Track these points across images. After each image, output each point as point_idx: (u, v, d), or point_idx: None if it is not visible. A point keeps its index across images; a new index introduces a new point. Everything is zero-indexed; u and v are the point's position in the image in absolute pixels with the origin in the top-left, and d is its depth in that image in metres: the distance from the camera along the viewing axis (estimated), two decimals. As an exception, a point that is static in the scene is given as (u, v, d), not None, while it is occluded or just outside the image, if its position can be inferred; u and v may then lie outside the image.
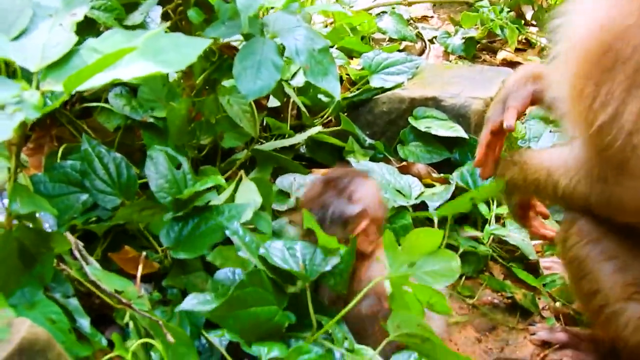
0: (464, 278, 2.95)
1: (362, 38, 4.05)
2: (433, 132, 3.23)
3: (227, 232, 2.26)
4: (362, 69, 3.54)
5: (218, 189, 2.55)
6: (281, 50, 2.62)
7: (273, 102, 3.26)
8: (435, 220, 2.89)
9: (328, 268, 2.19)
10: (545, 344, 2.79)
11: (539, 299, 2.94)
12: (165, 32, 2.06)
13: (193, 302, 2.09)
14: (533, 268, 3.03)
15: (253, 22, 2.62)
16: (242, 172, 2.81)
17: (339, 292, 2.23)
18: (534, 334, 2.82)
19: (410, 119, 3.28)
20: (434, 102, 3.33)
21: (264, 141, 3.15)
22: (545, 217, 2.79)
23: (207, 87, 2.88)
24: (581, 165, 2.39)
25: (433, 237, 2.14)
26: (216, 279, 2.19)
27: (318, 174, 3.03)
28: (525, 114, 3.47)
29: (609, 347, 2.62)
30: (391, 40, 4.24)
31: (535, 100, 2.81)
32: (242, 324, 2.07)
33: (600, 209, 2.42)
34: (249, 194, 2.62)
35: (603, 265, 2.49)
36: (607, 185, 2.34)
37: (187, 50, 2.16)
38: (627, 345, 2.51)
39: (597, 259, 2.50)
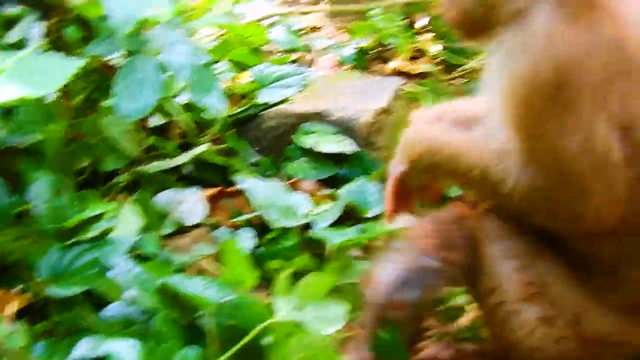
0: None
1: (254, 50, 4.02)
2: (321, 147, 3.25)
3: (111, 269, 2.23)
4: (252, 82, 3.51)
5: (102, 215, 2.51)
6: (163, 67, 2.59)
7: (158, 121, 3.21)
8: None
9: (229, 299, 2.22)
10: (436, 360, 2.82)
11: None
12: (43, 50, 2.03)
13: (84, 348, 2.05)
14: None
15: (133, 39, 2.59)
16: (124, 195, 2.78)
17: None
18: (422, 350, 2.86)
19: (297, 135, 3.30)
20: (322, 117, 3.35)
21: (149, 161, 3.11)
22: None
23: (87, 107, 2.83)
24: (529, 190, 2.45)
25: (323, 282, 2.24)
26: (105, 316, 2.20)
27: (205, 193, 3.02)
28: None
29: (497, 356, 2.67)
30: (282, 51, 4.23)
31: None
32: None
33: (552, 227, 2.52)
34: (131, 218, 2.58)
35: (504, 263, 2.55)
36: (564, 205, 2.43)
37: (60, 71, 2.15)
38: (521, 348, 2.57)
39: (500, 256, 2.56)
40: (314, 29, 4.59)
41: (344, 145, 3.24)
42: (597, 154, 2.34)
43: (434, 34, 4.53)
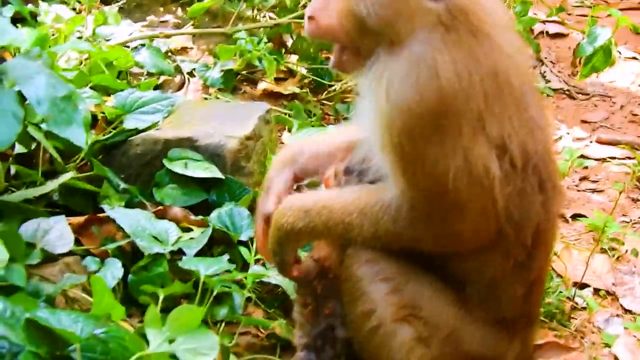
0: (223, 324, 2.97)
1: (119, 73, 3.99)
2: (189, 173, 3.25)
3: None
4: (117, 108, 3.48)
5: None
6: (22, 99, 2.56)
7: (23, 148, 3.15)
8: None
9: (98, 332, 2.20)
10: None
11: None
12: None
13: None
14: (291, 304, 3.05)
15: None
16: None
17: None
18: None
19: (165, 161, 3.28)
20: (189, 143, 3.35)
21: (14, 189, 3.05)
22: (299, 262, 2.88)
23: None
24: (409, 211, 2.53)
25: (194, 314, 2.25)
26: None
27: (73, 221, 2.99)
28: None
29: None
30: (149, 74, 4.21)
31: (302, 176, 3.00)
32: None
33: (433, 245, 2.59)
34: (-6, 250, 2.53)
35: (378, 285, 2.63)
36: (445, 223, 2.53)
37: None
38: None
39: (373, 280, 2.62)
40: (181, 50, 4.56)
41: (212, 172, 3.25)
42: (475, 174, 2.44)
43: (300, 56, 4.55)
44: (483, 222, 2.53)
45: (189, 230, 3.12)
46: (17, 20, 3.91)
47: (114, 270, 2.86)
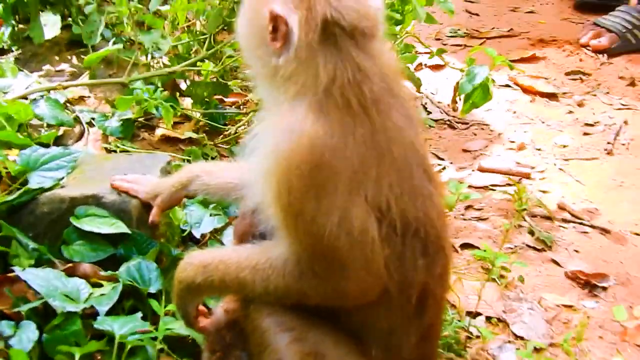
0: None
1: (20, 126, 3.94)
2: (96, 230, 3.23)
3: None
4: (21, 166, 3.44)
5: None
6: None
7: None
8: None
9: None
10: None
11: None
12: None
13: None
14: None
15: None
16: None
17: None
18: None
19: (72, 219, 3.25)
20: (95, 200, 3.33)
21: None
22: (206, 315, 2.91)
23: None
24: (295, 265, 2.60)
25: None
26: None
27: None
28: (185, 203, 3.55)
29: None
30: (49, 126, 4.17)
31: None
32: None
33: (321, 300, 2.64)
34: None
35: (281, 336, 2.68)
36: (329, 279, 2.58)
37: None
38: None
39: (276, 330, 2.68)
40: (79, 100, 4.53)
41: (119, 227, 3.24)
42: (354, 234, 2.51)
43: (194, 100, 4.57)
44: (366, 280, 2.61)
45: (99, 285, 3.11)
46: None
47: (28, 333, 2.84)
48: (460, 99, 4.44)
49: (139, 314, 3.01)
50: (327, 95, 2.52)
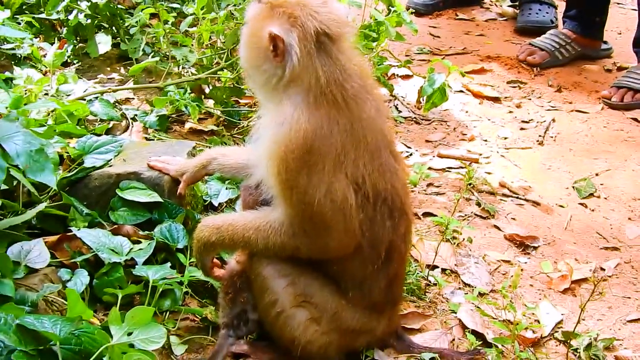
0: (167, 313, 2.96)
1: (79, 121, 3.93)
2: (136, 199, 3.23)
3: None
4: (78, 150, 3.42)
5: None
6: (5, 154, 2.52)
7: (6, 186, 3.08)
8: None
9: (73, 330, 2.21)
10: (235, 356, 2.87)
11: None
12: None
13: None
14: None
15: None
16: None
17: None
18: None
19: (117, 190, 3.25)
20: (135, 176, 3.31)
21: (2, 218, 2.98)
22: (220, 266, 2.90)
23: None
24: (289, 227, 2.61)
25: (146, 313, 2.29)
26: None
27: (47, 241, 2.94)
28: (206, 179, 3.53)
29: (282, 351, 2.76)
30: (101, 120, 4.16)
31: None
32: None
33: (309, 253, 2.66)
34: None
35: (278, 281, 2.69)
36: (317, 237, 2.61)
37: None
38: (299, 343, 2.69)
39: (274, 276, 2.69)
40: (125, 101, 4.52)
41: (154, 197, 3.23)
42: (336, 202, 2.51)
43: (215, 101, 4.55)
44: (345, 238, 2.62)
45: (138, 242, 3.11)
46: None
47: (82, 278, 2.85)
48: (423, 100, 4.42)
49: (169, 264, 3.01)
50: (320, 92, 2.51)
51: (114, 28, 5.07)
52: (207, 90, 4.68)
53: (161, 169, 3.29)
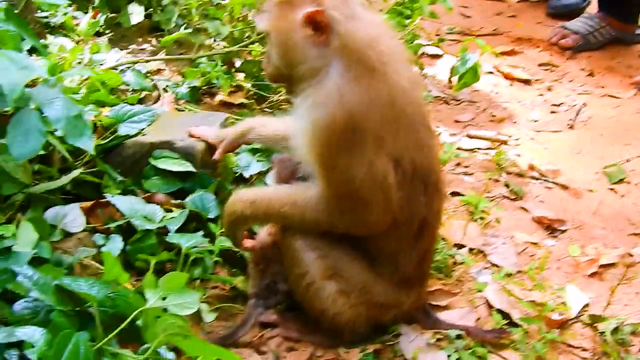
0: (198, 281, 3.00)
1: (111, 90, 3.96)
2: (169, 168, 3.26)
3: (18, 275, 2.20)
4: (112, 118, 3.46)
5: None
6: (44, 119, 2.55)
7: (42, 151, 3.12)
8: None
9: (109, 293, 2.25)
10: (263, 325, 2.90)
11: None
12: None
13: (1, 336, 2.09)
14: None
15: (19, 96, 2.51)
16: (19, 214, 2.73)
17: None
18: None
19: (150, 159, 3.29)
20: (169, 145, 3.34)
21: (38, 183, 3.03)
22: (249, 238, 2.97)
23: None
24: (327, 204, 2.62)
25: (180, 278, 2.32)
26: (16, 310, 2.22)
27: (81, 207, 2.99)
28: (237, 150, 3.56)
29: (310, 322, 2.80)
30: (133, 90, 4.19)
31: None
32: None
33: (345, 230, 2.68)
34: (28, 234, 2.53)
35: (309, 253, 2.72)
36: (354, 215, 2.62)
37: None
38: (328, 314, 2.72)
39: (305, 249, 2.72)
40: (157, 71, 4.55)
41: (186, 167, 3.27)
42: (377, 181, 2.52)
43: (246, 74, 4.57)
44: (382, 216, 2.63)
45: (170, 211, 3.15)
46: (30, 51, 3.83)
47: (116, 244, 2.90)
48: (454, 79, 4.41)
49: (200, 233, 3.04)
50: (362, 63, 2.50)
51: (146, -1, 5.10)
52: (237, 64, 4.70)
53: (200, 136, 3.32)
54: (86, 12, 4.96)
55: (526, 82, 5.55)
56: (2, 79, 2.39)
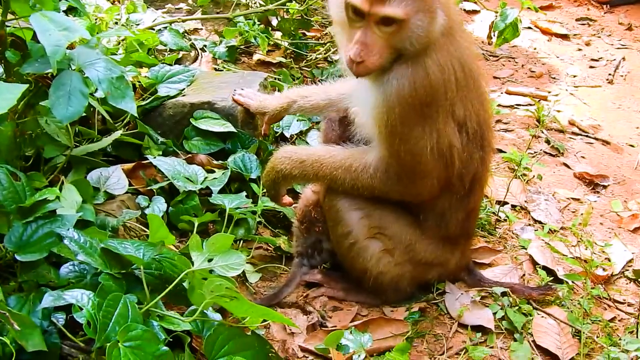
0: (241, 242, 2.95)
1: (149, 50, 3.88)
2: (210, 128, 3.19)
3: (64, 238, 2.14)
4: (151, 79, 3.39)
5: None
6: (87, 80, 2.47)
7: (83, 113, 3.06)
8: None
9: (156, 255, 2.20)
10: (308, 284, 2.85)
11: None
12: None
13: (49, 300, 2.01)
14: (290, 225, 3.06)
15: (62, 58, 2.43)
16: (62, 177, 2.68)
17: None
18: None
19: (191, 120, 3.22)
20: (209, 105, 3.27)
21: (78, 145, 2.98)
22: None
23: (27, 110, 2.68)
24: (384, 172, 2.54)
25: (226, 240, 2.24)
26: (62, 273, 2.17)
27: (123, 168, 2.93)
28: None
29: (354, 281, 2.73)
30: (171, 50, 4.10)
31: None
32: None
33: (399, 198, 2.62)
34: (72, 196, 2.47)
35: (352, 213, 2.65)
36: (411, 184, 2.55)
37: (8, 95, 2.02)
38: (371, 274, 2.65)
39: (349, 209, 2.64)
40: (194, 31, 4.45)
41: (228, 127, 3.20)
42: (443, 150, 2.47)
43: (283, 33, 4.47)
44: (439, 182, 2.56)
45: (212, 172, 3.08)
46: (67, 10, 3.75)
47: (159, 205, 2.85)
48: (494, 35, 4.27)
49: (243, 194, 2.98)
50: (443, 35, 2.40)
51: (182, -42, 4.98)
52: (274, 22, 4.59)
53: (243, 104, 3.22)
54: (122, -27, 4.86)
55: (564, 37, 5.39)
56: (44, 40, 2.29)
